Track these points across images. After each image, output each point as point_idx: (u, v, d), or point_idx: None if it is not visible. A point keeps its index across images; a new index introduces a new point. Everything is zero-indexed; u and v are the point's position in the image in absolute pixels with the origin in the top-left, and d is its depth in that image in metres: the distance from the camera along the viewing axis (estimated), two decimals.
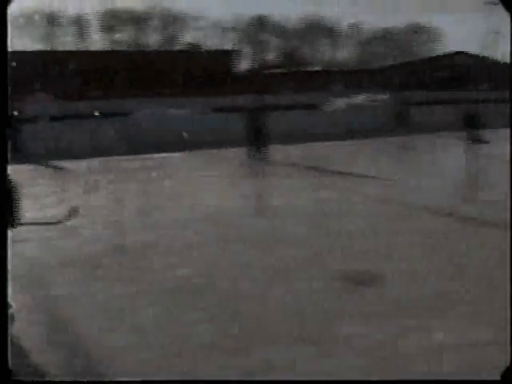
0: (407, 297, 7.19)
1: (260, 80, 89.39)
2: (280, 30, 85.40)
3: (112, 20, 70.11)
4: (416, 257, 9.13)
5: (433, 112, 32.81)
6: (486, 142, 21.84)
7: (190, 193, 15.23)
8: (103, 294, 7.66)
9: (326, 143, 24.70)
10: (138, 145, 22.82)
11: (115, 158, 20.76)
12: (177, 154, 21.65)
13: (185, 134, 24.69)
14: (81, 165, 20.23)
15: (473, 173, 18.86)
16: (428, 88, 63.17)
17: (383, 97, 42.98)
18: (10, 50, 4.62)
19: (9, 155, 4.58)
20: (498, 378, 4.50)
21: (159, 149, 21.89)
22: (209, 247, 9.68)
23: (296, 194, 14.49)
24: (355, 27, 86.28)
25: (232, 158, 20.55)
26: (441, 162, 20.44)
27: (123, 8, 74.36)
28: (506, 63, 79.31)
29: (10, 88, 4.56)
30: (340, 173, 17.59)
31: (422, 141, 25.23)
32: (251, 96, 26.99)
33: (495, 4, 73.25)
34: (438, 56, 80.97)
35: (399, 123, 26.82)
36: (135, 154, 21.34)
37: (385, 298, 7.17)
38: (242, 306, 6.99)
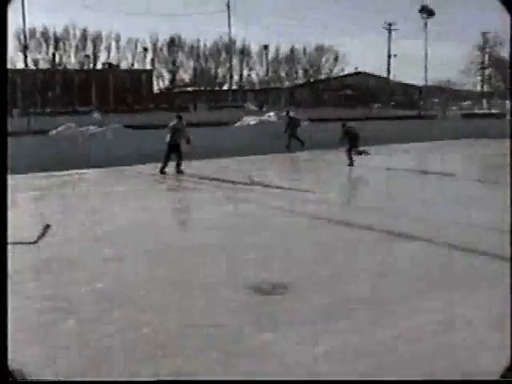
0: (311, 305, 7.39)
1: (175, 98, 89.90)
2: (194, 51, 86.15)
3: (30, 39, 69.65)
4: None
5: (333, 128, 34.17)
6: (368, 154, 23.16)
7: (102, 209, 14.74)
8: None
9: (239, 158, 24.97)
10: (53, 161, 22.68)
11: (30, 175, 20.29)
12: (90, 171, 21.31)
13: (100, 151, 25.01)
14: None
15: (351, 182, 19.90)
16: (332, 105, 65.13)
17: (290, 114, 43.84)
18: None
19: None
20: (498, 378, 4.70)
21: (74, 165, 21.65)
22: (122, 261, 9.44)
23: (208, 207, 14.42)
24: (266, 48, 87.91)
25: (146, 174, 20.69)
26: (326, 174, 21.24)
27: (41, 27, 74.24)
28: (402, 83, 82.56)
29: None
30: (247, 184, 17.75)
31: (315, 156, 25.98)
32: (167, 113, 26.95)
33: (395, 29, 76.46)
34: (341, 76, 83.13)
35: (296, 139, 27.17)
36: (49, 170, 20.97)
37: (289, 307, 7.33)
38: (145, 317, 7.05)
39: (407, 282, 8.37)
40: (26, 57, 67.29)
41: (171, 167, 19.80)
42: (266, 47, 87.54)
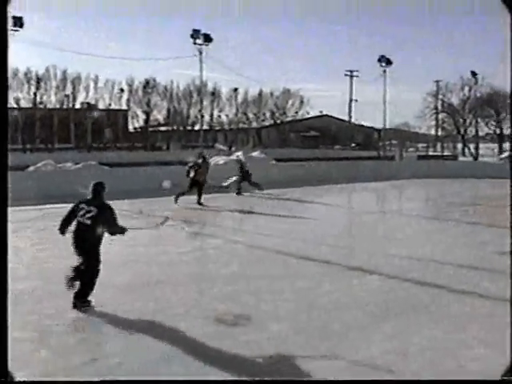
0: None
1: (149, 137, 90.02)
2: (168, 92, 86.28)
3: (12, 79, 69.34)
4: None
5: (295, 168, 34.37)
6: (261, 189, 23.59)
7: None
8: None
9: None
10: (32, 195, 22.42)
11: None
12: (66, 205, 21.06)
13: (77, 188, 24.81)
14: None
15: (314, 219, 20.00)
16: (297, 146, 65.65)
17: (257, 154, 43.99)
18: None
19: None
20: (499, 378, 4.81)
21: (53, 199, 21.41)
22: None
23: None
24: (235, 91, 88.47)
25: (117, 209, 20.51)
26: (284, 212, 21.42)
27: (24, 68, 74.14)
28: (362, 125, 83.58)
29: None
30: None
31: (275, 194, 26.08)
32: (142, 152, 26.83)
33: (356, 76, 77.55)
34: (306, 118, 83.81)
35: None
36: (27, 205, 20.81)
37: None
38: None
39: (364, 312, 8.45)
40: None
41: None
42: (235, 90, 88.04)
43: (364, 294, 9.52)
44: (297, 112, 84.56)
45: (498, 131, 78.61)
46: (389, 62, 66.31)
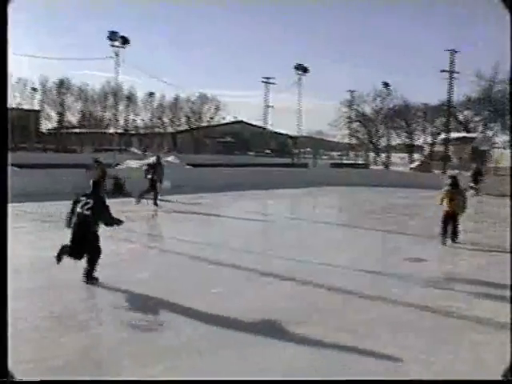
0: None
1: (62, 139, 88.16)
2: (83, 94, 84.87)
3: None
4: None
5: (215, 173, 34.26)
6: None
7: None
8: None
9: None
10: None
11: None
12: None
13: None
14: None
15: (227, 225, 20.02)
16: (212, 152, 65.58)
17: (171, 159, 43.63)
18: None
19: None
20: (499, 378, 4.74)
21: None
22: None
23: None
24: (151, 95, 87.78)
25: (28, 212, 20.05)
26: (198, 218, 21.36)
27: None
28: (277, 132, 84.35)
29: None
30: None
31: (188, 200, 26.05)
32: (54, 153, 26.13)
33: (272, 83, 78.13)
34: (222, 124, 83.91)
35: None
36: None
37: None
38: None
39: (277, 317, 8.42)
40: None
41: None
42: (151, 94, 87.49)
43: (277, 299, 9.47)
44: (212, 117, 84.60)
45: (408, 141, 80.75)
46: (305, 70, 67.10)
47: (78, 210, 10.00)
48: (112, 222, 10.26)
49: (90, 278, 9.97)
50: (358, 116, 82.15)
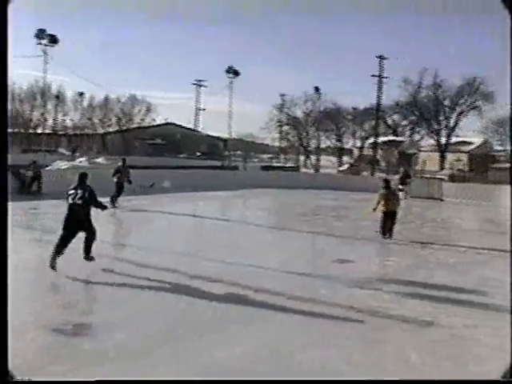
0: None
1: None
2: (9, 93, 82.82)
3: None
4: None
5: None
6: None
7: None
8: None
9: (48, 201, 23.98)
10: None
11: None
12: None
13: None
14: None
15: (155, 227, 19.87)
16: (142, 153, 64.91)
17: (101, 160, 43.09)
18: None
19: None
20: (499, 378, 4.75)
21: None
22: None
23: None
24: (81, 95, 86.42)
25: None
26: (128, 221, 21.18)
27: None
28: (208, 135, 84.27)
29: None
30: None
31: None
32: None
33: (204, 86, 78.06)
34: (152, 126, 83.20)
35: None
36: None
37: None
38: None
39: (206, 318, 8.48)
40: None
41: None
42: (81, 94, 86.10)
43: (205, 301, 9.47)
44: (143, 119, 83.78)
45: (338, 145, 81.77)
46: (236, 74, 67.33)
47: (70, 201, 11.41)
48: (102, 206, 12.04)
49: (88, 256, 11.62)
50: (289, 119, 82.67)
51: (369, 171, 57.41)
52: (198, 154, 76.58)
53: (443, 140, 71.25)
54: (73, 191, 11.46)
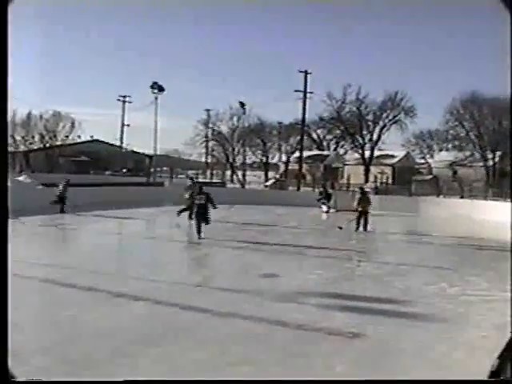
0: None
1: None
2: None
3: None
4: None
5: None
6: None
7: None
8: None
9: None
10: None
11: None
12: None
13: None
14: None
15: (80, 246, 19.52)
16: (67, 171, 63.64)
17: (23, 178, 42.10)
18: None
19: None
20: (499, 377, 4.52)
21: None
22: None
23: None
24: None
25: None
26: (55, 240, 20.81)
27: None
28: (134, 151, 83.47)
29: None
30: None
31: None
32: None
33: (129, 102, 77.36)
34: (77, 142, 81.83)
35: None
36: None
37: None
38: None
39: (130, 338, 8.21)
40: None
41: None
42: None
43: (129, 320, 9.25)
44: (67, 136, 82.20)
45: (264, 159, 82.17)
46: (161, 89, 66.78)
47: (196, 201, 19.74)
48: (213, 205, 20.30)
49: (199, 235, 19.11)
50: (215, 135, 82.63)
51: (295, 186, 57.79)
52: (124, 170, 75.69)
53: (367, 154, 72.49)
54: (197, 196, 19.96)
